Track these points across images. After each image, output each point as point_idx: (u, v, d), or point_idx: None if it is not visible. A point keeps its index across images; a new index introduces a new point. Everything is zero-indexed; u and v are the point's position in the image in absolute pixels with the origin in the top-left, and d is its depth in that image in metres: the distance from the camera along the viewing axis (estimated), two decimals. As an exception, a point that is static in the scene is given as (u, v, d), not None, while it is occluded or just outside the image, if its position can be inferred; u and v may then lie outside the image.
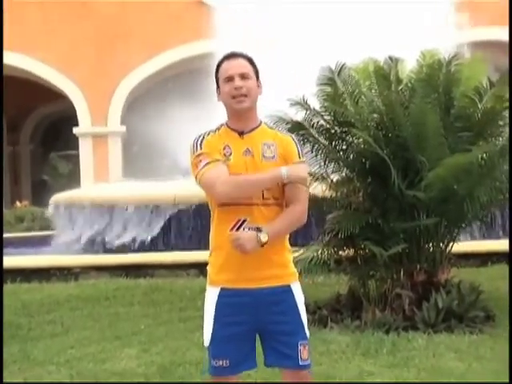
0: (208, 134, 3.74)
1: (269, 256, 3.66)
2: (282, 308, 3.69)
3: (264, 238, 3.57)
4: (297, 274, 3.82)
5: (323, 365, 5.93)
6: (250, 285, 3.66)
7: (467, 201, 7.14)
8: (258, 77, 3.76)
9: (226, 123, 3.78)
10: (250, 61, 3.76)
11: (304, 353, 3.71)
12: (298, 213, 3.71)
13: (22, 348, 6.84)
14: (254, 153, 3.68)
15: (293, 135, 3.89)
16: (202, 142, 3.70)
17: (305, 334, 3.75)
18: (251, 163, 3.67)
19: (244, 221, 3.64)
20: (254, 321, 3.69)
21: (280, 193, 3.70)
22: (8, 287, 9.85)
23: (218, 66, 3.76)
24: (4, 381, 5.82)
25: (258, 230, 3.59)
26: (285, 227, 3.69)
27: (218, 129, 3.77)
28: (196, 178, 3.69)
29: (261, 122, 3.78)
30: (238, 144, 3.70)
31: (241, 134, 3.71)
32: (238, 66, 3.70)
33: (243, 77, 3.67)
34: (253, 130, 3.73)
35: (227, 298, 3.70)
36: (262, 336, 3.76)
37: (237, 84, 3.65)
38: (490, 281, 8.49)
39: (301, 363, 3.70)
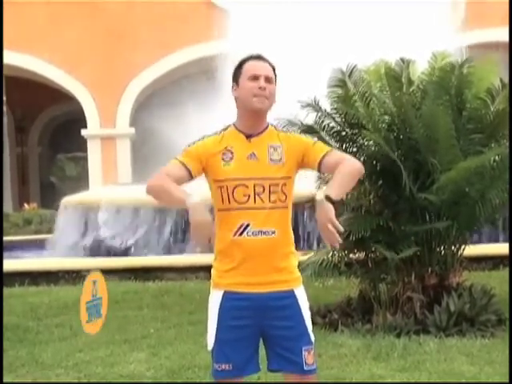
0: (203, 138, 3.72)
1: (274, 261, 3.63)
2: (285, 313, 3.65)
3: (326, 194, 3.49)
4: (301, 279, 3.78)
5: (334, 368, 5.90)
6: (254, 289, 3.63)
7: (479, 203, 7.10)
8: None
9: (234, 124, 3.74)
10: (274, 69, 3.76)
11: (309, 358, 3.66)
12: (352, 163, 3.65)
13: (30, 351, 6.82)
14: (260, 156, 3.64)
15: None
16: (188, 147, 3.70)
17: (309, 338, 3.70)
18: (257, 167, 3.63)
19: (247, 225, 3.60)
20: (257, 325, 3.65)
21: (287, 194, 3.66)
22: (16, 290, 9.84)
23: (242, 62, 3.72)
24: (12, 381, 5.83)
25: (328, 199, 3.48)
26: (345, 179, 3.61)
27: (224, 130, 3.74)
28: None
29: (268, 125, 3.75)
30: (244, 148, 3.66)
31: (248, 137, 3.68)
32: (265, 68, 3.69)
33: (268, 80, 3.67)
34: (260, 133, 3.70)
35: (231, 302, 3.67)
36: (265, 341, 3.72)
37: (262, 84, 3.63)
38: (501, 284, 8.43)
39: (306, 368, 3.65)
